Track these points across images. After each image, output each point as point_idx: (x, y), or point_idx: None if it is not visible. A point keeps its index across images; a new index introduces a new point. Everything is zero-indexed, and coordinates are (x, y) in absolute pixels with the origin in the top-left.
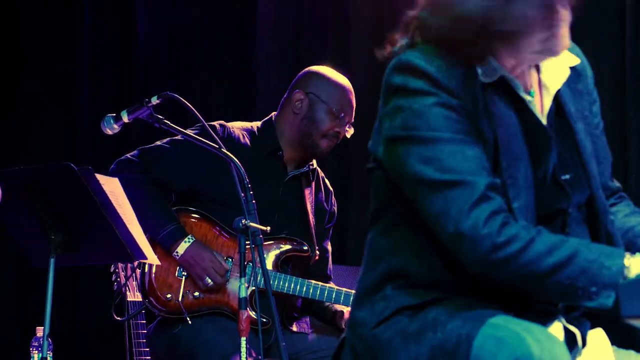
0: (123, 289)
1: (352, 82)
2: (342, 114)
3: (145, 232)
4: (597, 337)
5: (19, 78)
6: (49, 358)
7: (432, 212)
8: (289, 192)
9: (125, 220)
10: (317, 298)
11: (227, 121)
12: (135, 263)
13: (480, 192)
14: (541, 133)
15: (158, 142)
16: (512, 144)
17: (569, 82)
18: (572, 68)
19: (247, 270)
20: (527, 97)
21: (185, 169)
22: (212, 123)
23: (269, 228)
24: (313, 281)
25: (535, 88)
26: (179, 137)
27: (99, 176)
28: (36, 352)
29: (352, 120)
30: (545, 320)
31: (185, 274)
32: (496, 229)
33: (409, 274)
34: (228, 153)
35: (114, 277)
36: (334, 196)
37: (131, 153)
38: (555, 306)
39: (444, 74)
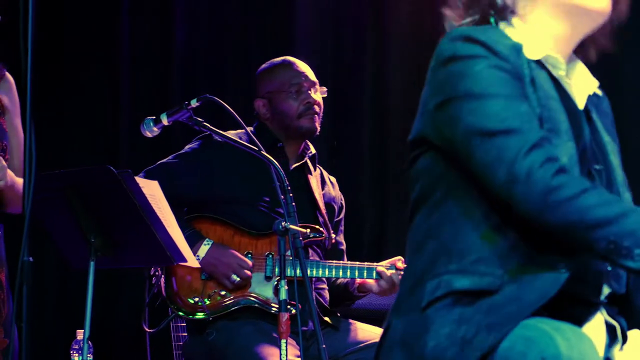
0: (163, 292)
1: (391, 81)
2: (298, 89)
3: None
4: (636, 337)
5: (61, 82)
6: None
7: (485, 161)
8: (295, 183)
9: (164, 223)
10: (339, 277)
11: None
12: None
13: (534, 140)
14: (577, 116)
15: (162, 160)
16: (554, 115)
17: (594, 99)
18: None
19: (268, 262)
20: (567, 80)
21: (194, 180)
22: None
23: (308, 230)
24: (333, 261)
25: None
26: (182, 151)
27: (138, 179)
28: (76, 355)
29: (314, 82)
30: (588, 310)
31: (209, 276)
32: (551, 173)
33: (459, 252)
34: (268, 156)
35: (154, 280)
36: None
37: (137, 176)
38: (597, 296)
39: (494, 41)
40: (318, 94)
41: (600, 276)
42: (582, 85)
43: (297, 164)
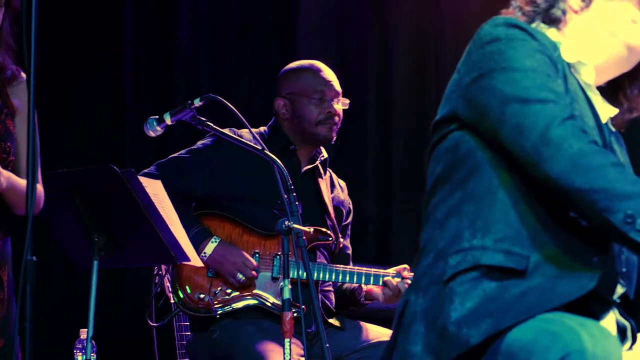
0: (167, 291)
1: (394, 81)
2: (321, 96)
3: None
4: None
5: (64, 82)
6: None
7: (519, 126)
8: (305, 186)
9: (168, 222)
10: (345, 282)
11: (268, 124)
12: (164, 268)
13: (569, 112)
14: (601, 126)
15: (174, 154)
16: (584, 114)
17: (612, 131)
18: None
19: (275, 262)
20: (592, 94)
21: (205, 176)
22: (224, 130)
23: (312, 229)
24: (340, 266)
25: None
26: (194, 147)
27: (141, 178)
28: (80, 354)
29: (337, 93)
30: (602, 309)
31: (215, 273)
32: (586, 141)
33: (483, 229)
34: (271, 155)
35: (157, 279)
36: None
37: (148, 169)
38: (611, 295)
39: (536, 31)
40: (340, 105)
41: (615, 275)
42: (603, 104)
43: (308, 167)
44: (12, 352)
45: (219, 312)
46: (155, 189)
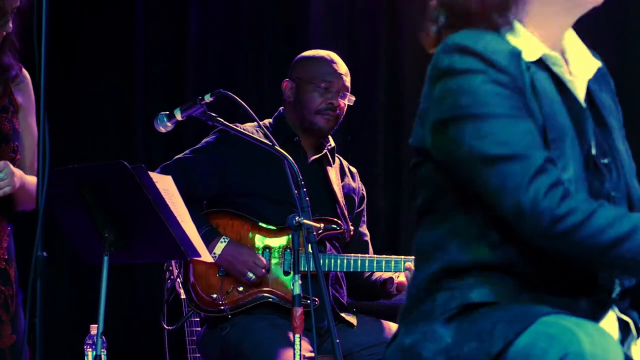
0: (177, 287)
1: (403, 78)
2: (328, 86)
3: None
4: None
5: (75, 78)
6: (103, 356)
7: (489, 190)
8: (313, 176)
9: (178, 218)
10: (357, 269)
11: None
12: (174, 265)
13: (537, 165)
14: (581, 113)
15: (179, 155)
16: (558, 119)
17: (596, 80)
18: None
19: (286, 257)
20: (568, 77)
21: (210, 175)
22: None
23: (322, 225)
24: (352, 255)
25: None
26: (198, 146)
27: (152, 174)
28: (90, 349)
29: (346, 87)
30: (600, 309)
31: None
32: (556, 201)
33: (466, 264)
34: (281, 150)
35: (167, 275)
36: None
37: (154, 171)
38: (609, 296)
39: (491, 51)
40: (345, 100)
41: (611, 276)
42: (583, 70)
43: (315, 156)
44: (22, 348)
45: (230, 314)
46: (165, 185)
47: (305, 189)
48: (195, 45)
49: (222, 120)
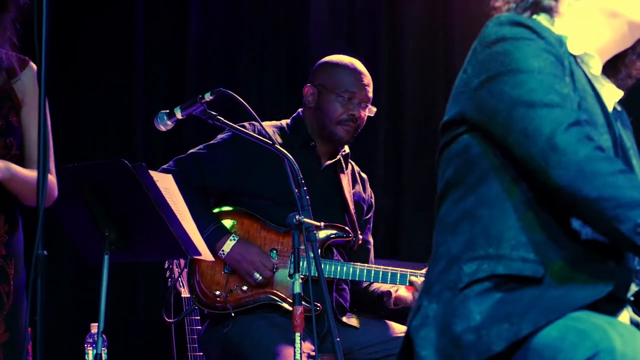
0: (177, 285)
1: (403, 78)
2: (350, 97)
3: None
4: None
5: (76, 76)
6: (103, 354)
7: (526, 130)
8: (325, 182)
9: (179, 217)
10: (363, 279)
11: (279, 118)
12: (182, 262)
13: (576, 117)
14: (609, 116)
15: (192, 150)
16: (592, 110)
17: (617, 110)
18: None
19: (292, 260)
20: (599, 84)
21: (223, 172)
22: (243, 123)
23: (322, 223)
24: (358, 264)
25: None
26: (213, 142)
27: (153, 173)
28: (90, 348)
29: (368, 99)
30: (615, 308)
31: (231, 270)
32: (592, 147)
33: (497, 236)
34: (282, 149)
35: (167, 274)
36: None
37: (167, 164)
38: (625, 293)
39: (542, 28)
40: (366, 112)
41: (629, 274)
42: (609, 92)
43: (329, 162)
44: (17, 346)
45: (233, 312)
46: (166, 184)
47: (305, 188)
48: (195, 45)
49: (222, 118)
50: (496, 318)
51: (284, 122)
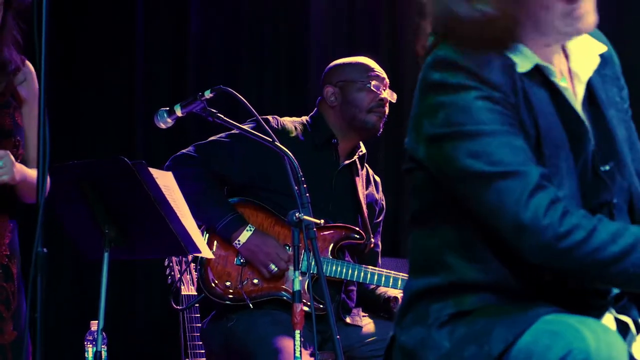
0: (177, 282)
1: (403, 78)
2: (374, 82)
3: (204, 222)
4: None
5: (76, 73)
6: (103, 352)
7: (487, 208)
8: (341, 182)
9: (179, 214)
10: (373, 283)
11: (280, 115)
12: (190, 257)
13: (535, 182)
14: (578, 123)
15: (213, 137)
16: (552, 133)
17: (599, 69)
18: (600, 55)
19: (304, 257)
20: (562, 84)
21: (243, 162)
22: (266, 117)
23: (322, 221)
24: (370, 267)
25: (566, 77)
26: (235, 131)
27: (152, 170)
28: (90, 346)
29: (387, 82)
30: (596, 314)
31: (243, 261)
32: (557, 218)
33: (462, 276)
34: (282, 147)
35: (167, 271)
36: (383, 187)
37: (186, 149)
38: (605, 299)
39: (483, 67)
40: (389, 93)
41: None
42: (584, 65)
43: (346, 162)
44: (23, 344)
45: (241, 304)
46: (166, 181)
47: (305, 185)
48: (195, 45)
49: (223, 116)
50: (463, 341)
51: (304, 119)
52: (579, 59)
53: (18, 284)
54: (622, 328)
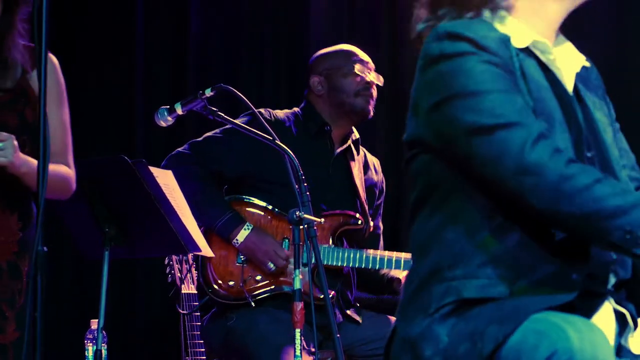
0: (177, 281)
1: (403, 77)
2: (358, 65)
3: (202, 222)
4: None
5: (74, 77)
6: (103, 351)
7: (489, 157)
8: (337, 169)
9: (179, 213)
10: (374, 266)
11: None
12: (190, 256)
13: (538, 131)
14: (570, 101)
15: (208, 134)
16: (547, 105)
17: (583, 76)
18: (583, 66)
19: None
20: (556, 65)
21: (237, 157)
22: (259, 109)
23: (322, 220)
24: (370, 250)
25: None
26: (228, 127)
27: (153, 169)
28: (90, 344)
29: (372, 66)
30: (596, 301)
31: (244, 260)
32: (563, 162)
33: (463, 255)
34: (282, 145)
35: (168, 270)
36: (382, 167)
37: (182, 147)
38: (604, 287)
39: (482, 37)
40: (377, 80)
41: (606, 267)
42: (570, 64)
43: (340, 149)
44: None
45: (253, 302)
46: (166, 180)
47: (305, 184)
48: (195, 45)
49: (223, 114)
50: (460, 337)
51: (295, 110)
52: (564, 58)
53: (27, 283)
54: (620, 319)
